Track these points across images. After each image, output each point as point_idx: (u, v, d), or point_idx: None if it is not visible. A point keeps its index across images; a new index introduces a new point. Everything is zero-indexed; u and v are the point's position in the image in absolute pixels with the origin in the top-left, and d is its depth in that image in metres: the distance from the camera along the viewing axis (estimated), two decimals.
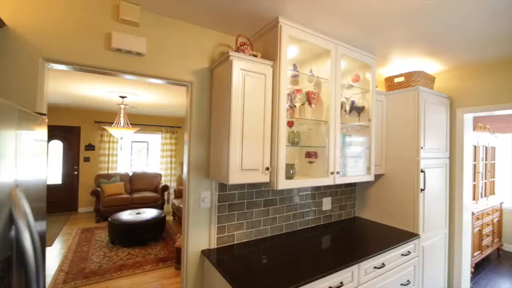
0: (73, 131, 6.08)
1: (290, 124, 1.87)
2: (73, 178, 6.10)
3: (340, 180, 1.95)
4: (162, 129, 6.77)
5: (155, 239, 4.39)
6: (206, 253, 1.74)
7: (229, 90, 1.54)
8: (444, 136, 2.52)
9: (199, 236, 1.78)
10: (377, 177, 2.50)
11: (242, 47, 1.70)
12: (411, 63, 2.45)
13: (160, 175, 6.49)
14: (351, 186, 2.67)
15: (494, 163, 4.38)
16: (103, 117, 6.32)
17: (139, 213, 4.48)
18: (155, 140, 7.02)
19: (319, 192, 2.41)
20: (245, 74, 1.59)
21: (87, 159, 6.16)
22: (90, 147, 6.18)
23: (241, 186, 1.93)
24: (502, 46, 2.02)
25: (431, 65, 2.52)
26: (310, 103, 1.97)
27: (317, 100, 2.00)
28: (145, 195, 5.80)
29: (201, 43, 1.84)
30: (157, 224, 4.31)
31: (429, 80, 2.50)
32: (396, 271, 1.95)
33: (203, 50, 1.85)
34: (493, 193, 4.31)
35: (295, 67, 1.96)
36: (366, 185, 2.62)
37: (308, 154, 1.97)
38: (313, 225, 2.35)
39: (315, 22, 1.75)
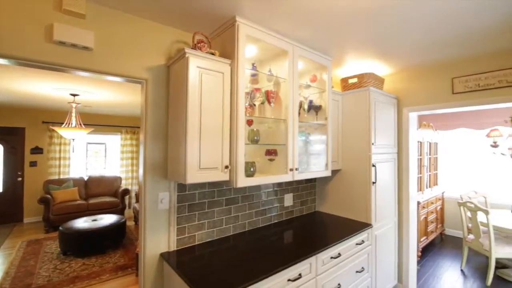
0: (16, 132, 5.46)
1: (249, 122, 1.89)
2: (17, 185, 5.48)
3: (299, 176, 2.03)
4: (122, 129, 6.40)
5: (115, 246, 4.13)
6: (165, 256, 1.68)
7: (186, 87, 1.51)
8: (393, 133, 2.75)
9: (158, 239, 1.72)
10: (334, 172, 2.64)
11: (199, 44, 1.68)
12: (364, 65, 2.63)
13: (120, 179, 6.12)
14: (311, 182, 2.78)
15: (436, 157, 4.90)
16: (52, 117, 5.77)
17: (95, 220, 4.17)
18: (114, 141, 6.60)
19: (281, 189, 2.47)
20: (202, 72, 1.57)
21: (33, 164, 5.57)
22: (37, 150, 5.60)
23: (201, 186, 1.90)
24: (437, 52, 2.26)
25: (381, 68, 2.73)
26: (269, 102, 2.01)
27: (276, 99, 2.05)
28: (103, 200, 5.42)
29: (157, 39, 1.78)
30: (116, 230, 4.06)
31: (379, 81, 2.71)
32: (351, 260, 2.08)
33: (159, 46, 1.79)
34: (436, 184, 4.81)
35: (254, 66, 1.98)
36: (325, 180, 2.75)
37: (268, 152, 2.01)
38: (275, 221, 2.40)
39: (271, 22, 1.79)
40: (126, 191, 5.75)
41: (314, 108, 2.38)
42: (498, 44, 2.09)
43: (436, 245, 4.41)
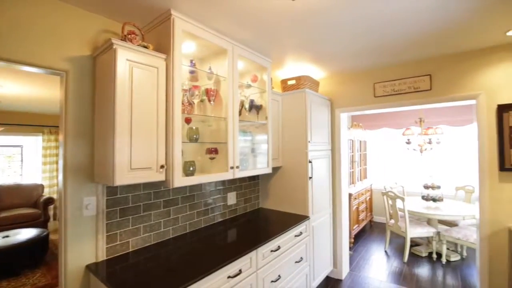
0: None
1: (188, 120, 1.84)
2: None
3: (240, 174, 2.05)
4: (44, 129, 5.54)
5: (34, 265, 3.55)
6: (92, 268, 1.52)
7: (114, 82, 1.39)
8: (327, 131, 3.01)
9: (83, 249, 1.54)
10: (276, 169, 2.76)
11: (129, 36, 1.56)
12: (302, 68, 2.81)
13: (41, 186, 5.29)
14: (254, 179, 2.85)
15: (366, 154, 5.52)
16: None
17: (7, 236, 3.53)
18: (34, 143, 5.68)
19: (225, 187, 2.47)
20: (133, 65, 1.46)
21: None
22: None
23: (135, 188, 1.77)
24: (361, 59, 2.56)
25: (316, 71, 2.95)
26: (209, 100, 1.99)
27: (217, 97, 2.03)
28: (18, 213, 4.61)
29: (81, 26, 1.59)
30: (35, 246, 3.50)
31: (314, 84, 2.92)
32: (290, 251, 2.20)
33: (83, 35, 1.61)
34: (366, 177, 5.42)
35: (192, 63, 1.94)
36: (267, 177, 2.85)
37: (209, 150, 1.99)
38: (219, 220, 2.39)
39: (210, 20, 1.78)
40: (50, 200, 5.00)
41: (255, 108, 2.44)
42: (409, 55, 2.47)
43: (367, 232, 4.97)
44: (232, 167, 1.96)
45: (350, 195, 4.17)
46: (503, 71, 2.22)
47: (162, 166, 1.56)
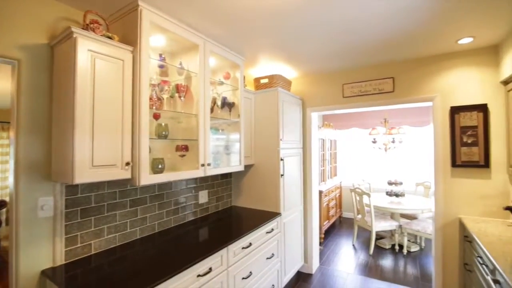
0: None
1: (156, 116, 1.78)
2: None
3: (211, 171, 2.03)
4: None
5: None
6: (48, 273, 1.41)
7: (74, 73, 1.30)
8: (299, 130, 3.08)
9: (38, 253, 1.42)
10: (248, 167, 2.77)
11: (92, 25, 1.48)
12: (275, 67, 2.85)
13: None
14: (227, 177, 2.83)
15: (336, 152, 5.74)
16: None
17: None
18: None
19: (196, 186, 2.42)
20: (96, 56, 1.38)
21: None
22: None
23: (99, 187, 1.68)
24: (332, 61, 2.65)
25: (289, 71, 3.01)
26: (180, 96, 1.94)
27: (187, 94, 1.99)
28: None
29: (37, 12, 1.47)
30: None
31: (286, 83, 2.98)
32: (262, 248, 2.22)
33: (40, 21, 1.48)
34: (336, 175, 5.64)
35: (162, 57, 1.88)
36: (240, 175, 2.85)
37: (179, 148, 1.94)
38: (190, 219, 2.34)
39: (180, 13, 1.73)
40: (2, 204, 4.55)
41: (228, 105, 2.43)
42: (374, 59, 2.60)
43: (336, 227, 5.17)
44: (203, 165, 1.93)
45: (320, 192, 4.31)
46: (455, 76, 2.44)
47: (127, 163, 1.49)
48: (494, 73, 2.30)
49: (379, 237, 4.46)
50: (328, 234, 4.73)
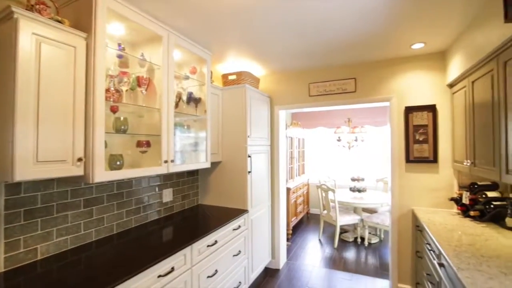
0: None
1: (114, 109, 1.67)
2: None
3: (175, 168, 1.96)
4: None
5: None
6: None
7: (14, 57, 1.16)
8: (266, 127, 3.11)
9: None
10: (216, 164, 2.73)
11: (38, 6, 1.34)
12: (243, 64, 2.84)
13: None
14: (193, 175, 2.76)
15: (304, 150, 5.90)
16: None
17: None
18: None
19: (160, 184, 2.32)
20: (42, 41, 1.25)
21: None
22: None
23: (46, 185, 1.53)
24: (298, 60, 2.71)
25: (257, 69, 3.02)
26: (141, 89, 1.84)
27: (150, 87, 1.90)
28: None
29: None
30: None
31: (255, 80, 2.98)
32: (228, 245, 2.20)
33: None
34: (304, 173, 5.79)
35: (121, 47, 1.76)
36: (207, 172, 2.80)
37: (140, 143, 1.84)
38: (152, 219, 2.24)
39: (142, 2, 1.65)
40: None
41: (194, 101, 2.37)
42: (338, 60, 2.71)
43: (304, 223, 5.32)
44: (166, 161, 1.86)
45: (288, 189, 4.40)
46: (409, 79, 2.63)
47: (79, 159, 1.38)
48: (442, 77, 2.52)
49: (343, 231, 4.68)
50: (296, 230, 4.85)
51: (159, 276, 1.48)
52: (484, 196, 2.09)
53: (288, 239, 4.28)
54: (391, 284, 2.73)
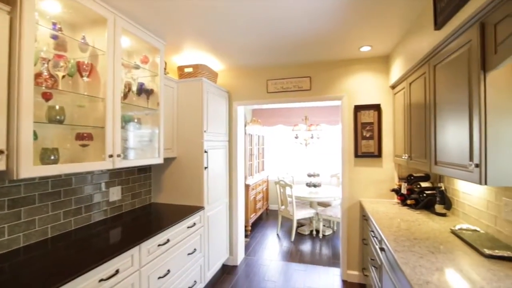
0: None
1: (47, 96, 1.47)
2: None
3: (122, 163, 1.81)
4: None
5: None
6: None
7: None
8: (224, 123, 3.07)
9: None
10: (170, 160, 2.61)
11: None
12: (201, 57, 2.75)
13: None
14: (145, 172, 2.60)
15: (263, 147, 5.98)
16: None
17: None
18: None
19: (106, 181, 2.13)
20: None
21: None
22: None
23: None
24: (257, 56, 2.72)
25: (216, 63, 2.96)
26: (81, 75, 1.66)
27: (93, 74, 1.72)
28: None
29: None
30: None
31: (212, 74, 2.92)
32: (182, 244, 2.11)
33: None
34: (263, 169, 5.88)
35: (56, 26, 1.56)
36: (161, 169, 2.65)
37: (80, 136, 1.66)
38: (97, 220, 2.05)
39: None
40: None
41: (146, 92, 2.22)
42: (294, 58, 2.79)
43: (263, 219, 5.40)
44: (111, 156, 1.71)
45: (248, 186, 4.42)
46: (358, 79, 2.83)
47: (1, 152, 1.19)
48: (386, 79, 2.75)
49: (300, 225, 4.86)
50: (255, 226, 4.90)
51: (101, 280, 1.35)
52: (418, 186, 2.34)
53: (247, 236, 4.30)
54: (341, 271, 2.91)
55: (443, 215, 2.09)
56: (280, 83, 3.03)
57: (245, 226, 4.36)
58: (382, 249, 1.77)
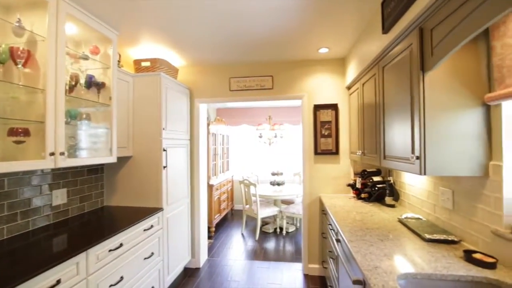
0: None
1: None
2: None
3: (66, 162, 1.64)
4: None
5: None
6: None
7: None
8: (186, 121, 2.96)
9: None
10: (125, 159, 2.44)
11: None
12: (160, 51, 2.62)
13: None
14: (97, 172, 2.39)
15: (228, 147, 5.93)
16: None
17: None
18: None
19: (48, 183, 1.91)
20: None
21: None
22: None
23: None
24: (219, 52, 2.68)
25: (176, 58, 2.84)
26: (16, 63, 1.47)
27: (30, 62, 1.53)
28: None
29: None
30: None
31: (172, 70, 2.80)
32: (138, 248, 1.98)
33: None
34: (228, 169, 5.82)
35: None
36: (114, 169, 2.47)
37: (14, 131, 1.46)
38: (38, 226, 1.82)
39: None
40: None
41: (96, 85, 2.04)
42: (257, 57, 2.80)
43: (228, 220, 5.34)
44: (52, 154, 1.53)
45: (211, 186, 4.33)
46: (317, 80, 2.94)
47: None
48: (342, 80, 2.91)
49: (264, 223, 4.91)
50: (220, 227, 4.82)
51: None
52: (371, 180, 2.51)
53: (211, 237, 4.21)
54: (303, 266, 3.00)
55: (392, 206, 2.27)
56: (243, 81, 3.02)
57: (209, 227, 4.27)
58: (338, 241, 1.85)
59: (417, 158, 1.32)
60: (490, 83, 1.24)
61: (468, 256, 1.21)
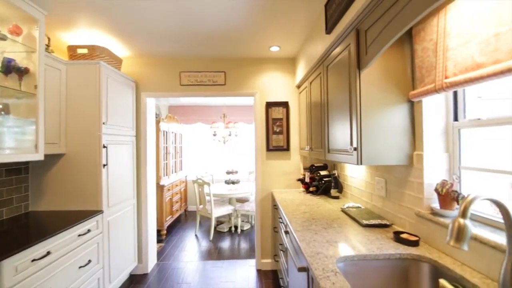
0: None
1: None
2: None
3: None
4: None
5: None
6: None
7: None
8: (131, 115, 2.75)
9: None
10: (58, 157, 2.15)
11: None
12: (101, 38, 2.38)
13: None
14: (19, 173, 2.07)
15: (181, 146, 5.70)
16: None
17: None
18: None
19: None
20: None
21: None
22: None
23: None
24: (168, 43, 2.54)
25: (120, 48, 2.62)
26: None
27: None
28: None
29: None
30: None
31: (115, 60, 2.57)
32: (72, 255, 1.76)
33: None
34: (181, 169, 5.60)
35: None
36: (44, 169, 2.16)
37: None
38: None
39: None
40: None
41: (17, 71, 1.76)
42: (209, 51, 2.74)
43: (181, 221, 5.13)
44: None
45: (162, 186, 4.11)
46: (269, 77, 3.00)
47: None
48: (292, 79, 3.02)
49: (219, 222, 4.84)
50: (172, 229, 4.60)
51: None
52: (318, 174, 2.65)
53: (161, 240, 3.99)
54: (256, 261, 3.02)
55: (337, 197, 2.42)
56: (194, 76, 2.93)
57: (160, 230, 4.04)
58: (287, 232, 1.90)
59: (355, 149, 1.42)
60: (414, 82, 1.40)
61: (397, 236, 1.35)
